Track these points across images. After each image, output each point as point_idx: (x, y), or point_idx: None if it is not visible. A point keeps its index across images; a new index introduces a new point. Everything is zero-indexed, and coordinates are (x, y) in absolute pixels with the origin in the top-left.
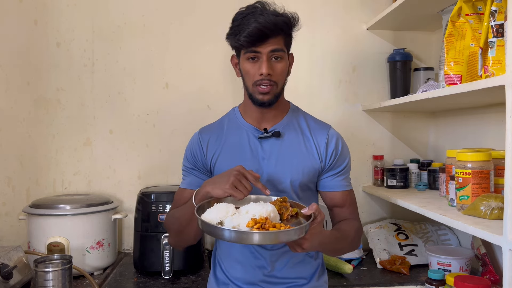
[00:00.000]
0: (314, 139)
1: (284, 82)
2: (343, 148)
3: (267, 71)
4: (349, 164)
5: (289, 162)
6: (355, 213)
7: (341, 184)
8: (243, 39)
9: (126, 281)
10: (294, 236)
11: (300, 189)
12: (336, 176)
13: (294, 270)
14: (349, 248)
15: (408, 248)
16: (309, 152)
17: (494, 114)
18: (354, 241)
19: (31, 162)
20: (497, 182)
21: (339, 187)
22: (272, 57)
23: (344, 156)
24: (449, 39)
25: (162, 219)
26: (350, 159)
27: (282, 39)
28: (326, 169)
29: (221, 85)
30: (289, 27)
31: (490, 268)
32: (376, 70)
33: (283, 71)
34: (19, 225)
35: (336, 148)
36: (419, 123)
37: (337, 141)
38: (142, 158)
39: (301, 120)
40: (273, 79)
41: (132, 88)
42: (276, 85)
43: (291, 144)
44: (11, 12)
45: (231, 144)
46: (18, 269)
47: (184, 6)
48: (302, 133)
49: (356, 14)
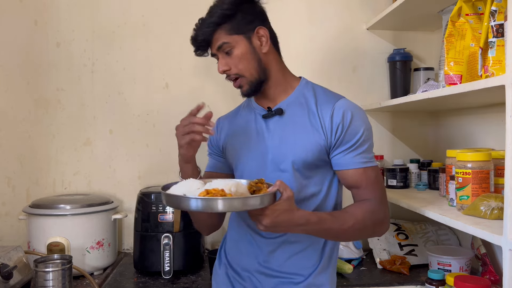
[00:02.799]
0: (319, 112)
1: (257, 65)
2: (354, 120)
3: (221, 69)
4: (366, 138)
5: (292, 139)
6: (375, 194)
7: (353, 161)
8: (196, 51)
9: (126, 281)
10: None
11: (305, 168)
12: (347, 152)
13: (292, 263)
14: (359, 234)
15: (408, 248)
16: (313, 127)
17: (494, 114)
18: (363, 226)
19: (31, 162)
20: (497, 182)
21: (351, 164)
22: (224, 52)
23: (356, 129)
24: (449, 39)
25: (162, 219)
26: (367, 133)
27: (224, 30)
28: (334, 145)
29: (221, 85)
30: (224, 15)
31: (490, 268)
32: (376, 70)
33: (239, 60)
34: (19, 225)
35: (344, 120)
36: (419, 123)
37: (345, 112)
38: (142, 158)
39: (309, 95)
40: (233, 72)
41: (132, 88)
42: (242, 76)
43: (295, 120)
44: (11, 12)
45: (240, 127)
46: (18, 269)
47: (184, 6)
48: (308, 108)
49: (356, 14)
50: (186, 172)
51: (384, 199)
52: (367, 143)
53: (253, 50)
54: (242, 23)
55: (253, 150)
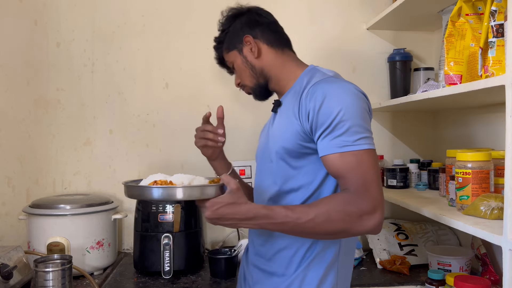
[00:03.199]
0: (301, 97)
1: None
2: (327, 100)
3: (235, 82)
4: (343, 118)
5: (276, 129)
6: (352, 183)
7: (328, 146)
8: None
9: (126, 281)
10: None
11: (290, 157)
12: (324, 137)
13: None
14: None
15: (408, 248)
16: (293, 114)
17: (494, 114)
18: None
19: (31, 162)
20: (497, 182)
21: (326, 150)
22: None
23: (328, 110)
24: (449, 39)
25: (162, 219)
26: (345, 112)
27: (224, 50)
28: (310, 129)
29: (221, 85)
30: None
31: (490, 268)
32: (376, 70)
33: (240, 73)
34: (19, 225)
35: (314, 101)
36: (419, 123)
37: (318, 92)
38: (142, 158)
39: (305, 81)
40: (241, 84)
41: (132, 88)
42: (245, 86)
43: (286, 110)
44: (11, 12)
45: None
46: (18, 269)
47: (184, 6)
48: (298, 95)
49: (356, 14)
50: (215, 168)
51: (367, 188)
52: (346, 124)
53: (245, 60)
54: (233, 39)
55: (259, 146)
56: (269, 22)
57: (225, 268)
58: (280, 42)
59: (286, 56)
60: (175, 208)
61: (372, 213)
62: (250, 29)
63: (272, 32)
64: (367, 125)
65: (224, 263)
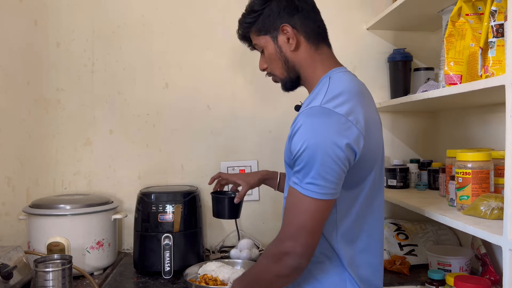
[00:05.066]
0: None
1: (285, 64)
2: (298, 132)
3: (260, 67)
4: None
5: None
6: (284, 222)
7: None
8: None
9: (126, 281)
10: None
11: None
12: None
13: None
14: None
15: (408, 248)
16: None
17: (494, 114)
18: (252, 282)
19: (31, 162)
20: (497, 182)
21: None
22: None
23: (295, 143)
24: (449, 39)
25: (162, 219)
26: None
27: (253, 31)
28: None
29: (221, 85)
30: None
31: (490, 268)
32: (376, 70)
33: (270, 60)
34: (19, 225)
35: (292, 129)
36: (419, 123)
37: (296, 121)
38: (142, 158)
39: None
40: (268, 71)
41: (132, 88)
42: (274, 75)
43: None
44: (11, 12)
45: None
46: (18, 269)
47: (184, 6)
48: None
49: (356, 14)
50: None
51: (291, 233)
52: (302, 163)
53: (279, 50)
54: (266, 23)
55: None
56: (309, 8)
57: (229, 208)
58: (318, 35)
59: (318, 54)
60: (175, 208)
61: (289, 255)
62: (289, 15)
63: (312, 21)
64: (326, 173)
65: (228, 203)
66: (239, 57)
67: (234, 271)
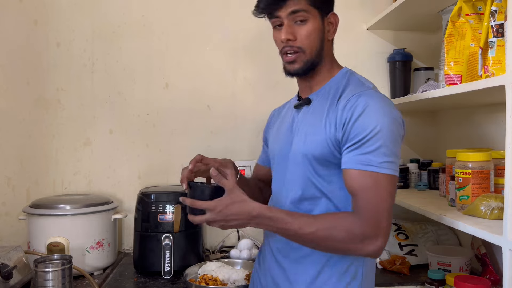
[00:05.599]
0: (338, 104)
1: (319, 47)
2: (365, 114)
3: (285, 36)
4: (377, 136)
5: (306, 132)
6: (362, 205)
7: (352, 159)
8: (262, 6)
9: (126, 281)
10: None
11: (317, 163)
12: (351, 150)
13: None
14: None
15: (408, 248)
16: (328, 121)
17: (494, 114)
18: (329, 236)
19: (31, 162)
20: (497, 182)
21: (349, 163)
22: (295, 20)
23: (365, 124)
24: (449, 39)
25: (162, 219)
26: (382, 133)
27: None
28: (341, 140)
29: (221, 85)
30: None
31: (490, 268)
32: (376, 70)
33: (309, 34)
34: (19, 225)
35: (352, 112)
36: (419, 123)
37: (357, 105)
38: (142, 158)
39: (340, 86)
40: (297, 44)
41: (132, 88)
42: (303, 51)
43: (315, 112)
44: (11, 12)
45: (279, 119)
46: (18, 269)
47: (184, 6)
48: (331, 100)
49: (356, 14)
50: None
51: (375, 213)
52: (377, 143)
53: (322, 30)
54: (325, 1)
55: (281, 143)
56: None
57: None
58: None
59: (332, 49)
60: (175, 208)
61: (374, 239)
62: (331, 5)
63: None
64: (396, 150)
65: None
66: (239, 57)
67: (234, 271)
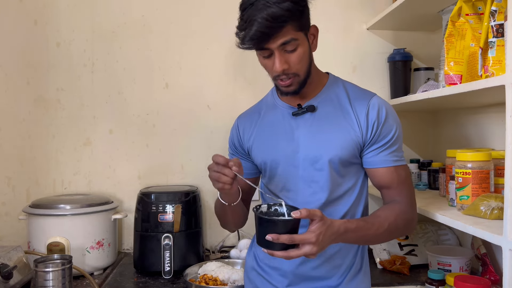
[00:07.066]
0: (354, 110)
1: (309, 64)
2: (388, 117)
3: (280, 68)
4: (398, 136)
5: (326, 137)
6: (403, 194)
7: (385, 159)
8: (248, 43)
9: (126, 281)
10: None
11: (341, 165)
12: (381, 151)
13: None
14: (391, 236)
15: (408, 248)
16: (349, 125)
17: (494, 114)
18: (396, 228)
19: (31, 162)
20: (497, 182)
21: (383, 162)
22: (285, 49)
23: (390, 126)
24: (449, 39)
25: (162, 219)
26: (400, 131)
27: (292, 26)
28: (369, 142)
29: (221, 85)
30: (297, 9)
31: (490, 268)
32: (376, 70)
33: (300, 60)
34: (19, 225)
35: (379, 117)
36: (419, 123)
37: (380, 109)
38: (142, 158)
39: (340, 92)
40: (292, 71)
41: (132, 88)
42: (297, 75)
43: (328, 118)
44: (11, 12)
45: (266, 126)
46: (18, 269)
47: (184, 6)
48: (340, 105)
49: (356, 14)
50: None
51: (413, 199)
52: (399, 141)
53: (309, 49)
54: (306, 19)
55: (282, 150)
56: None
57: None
58: None
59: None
60: (175, 208)
61: (416, 220)
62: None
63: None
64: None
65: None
66: (239, 57)
67: (234, 271)
